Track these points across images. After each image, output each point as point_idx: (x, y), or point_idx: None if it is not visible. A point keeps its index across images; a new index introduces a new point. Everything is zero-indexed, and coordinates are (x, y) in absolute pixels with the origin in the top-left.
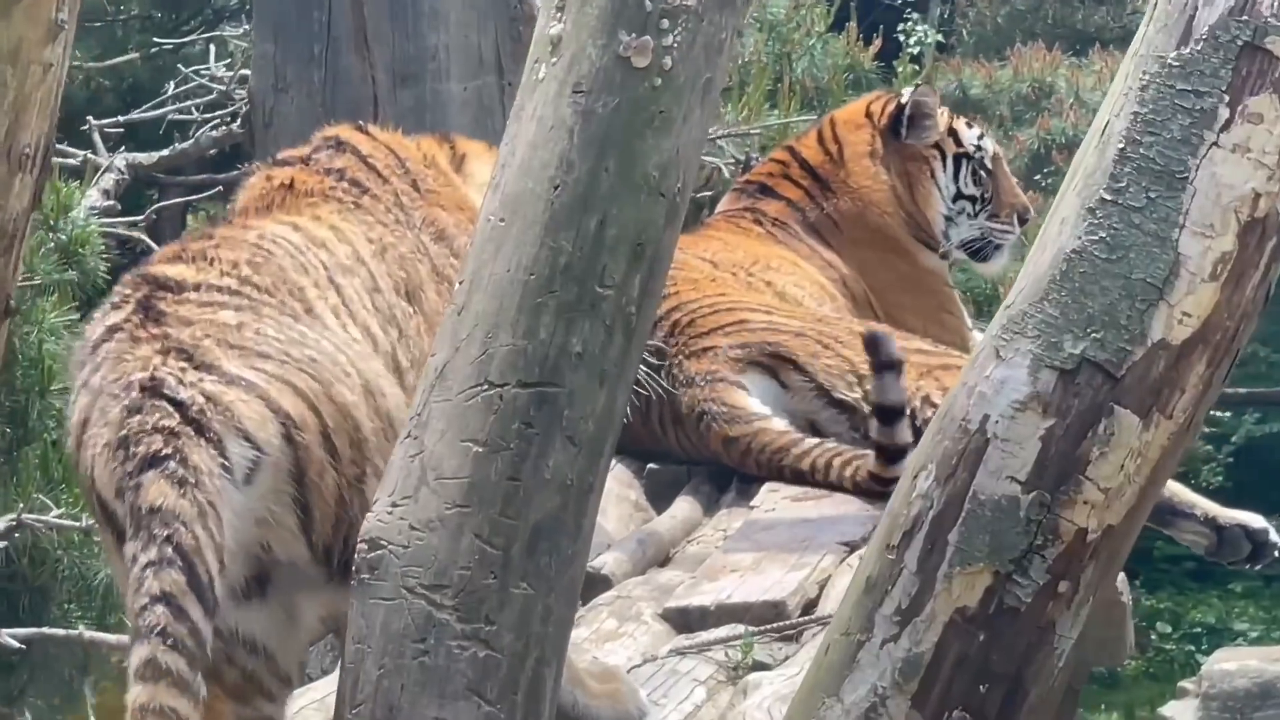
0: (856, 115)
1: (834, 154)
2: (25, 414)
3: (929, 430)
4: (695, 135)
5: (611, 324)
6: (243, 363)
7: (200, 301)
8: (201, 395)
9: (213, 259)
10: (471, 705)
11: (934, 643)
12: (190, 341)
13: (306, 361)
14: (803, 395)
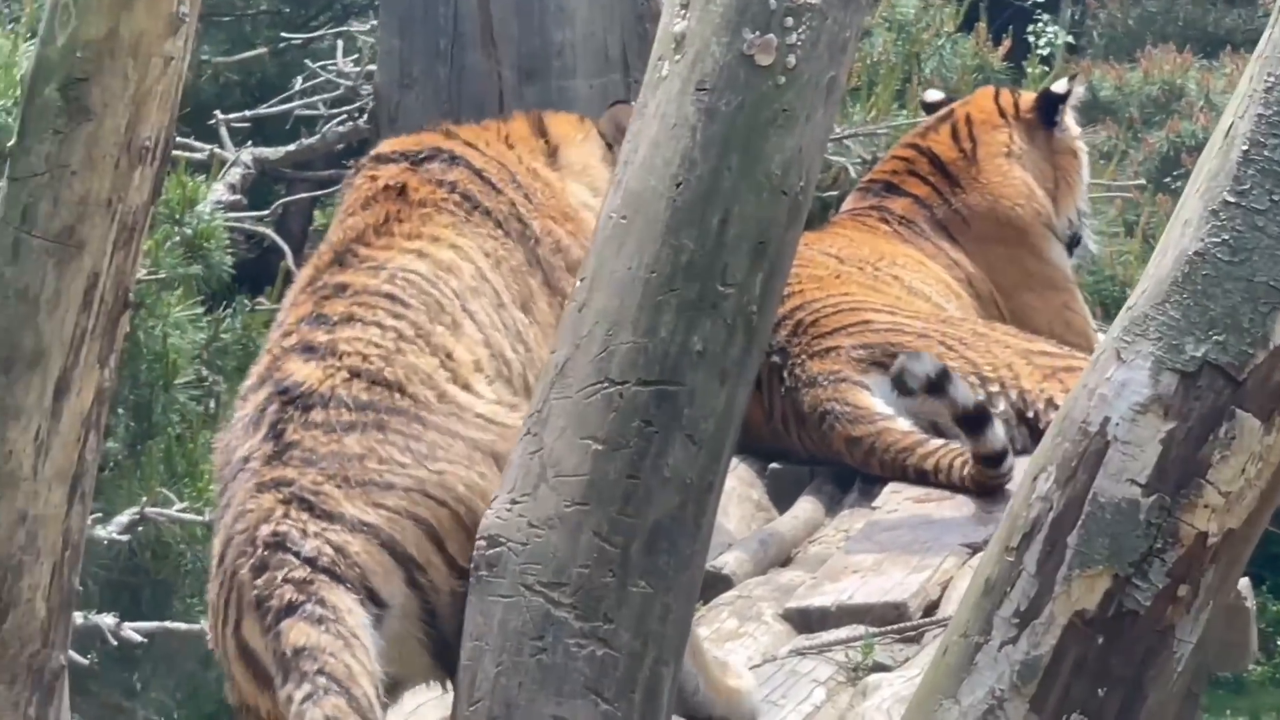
0: (992, 114)
1: (968, 151)
2: (149, 408)
3: (1049, 432)
4: (818, 134)
5: (733, 322)
6: (365, 502)
7: (326, 426)
8: (328, 546)
9: (342, 353)
10: (589, 703)
11: (1052, 646)
12: (312, 488)
13: (434, 483)
14: (926, 396)
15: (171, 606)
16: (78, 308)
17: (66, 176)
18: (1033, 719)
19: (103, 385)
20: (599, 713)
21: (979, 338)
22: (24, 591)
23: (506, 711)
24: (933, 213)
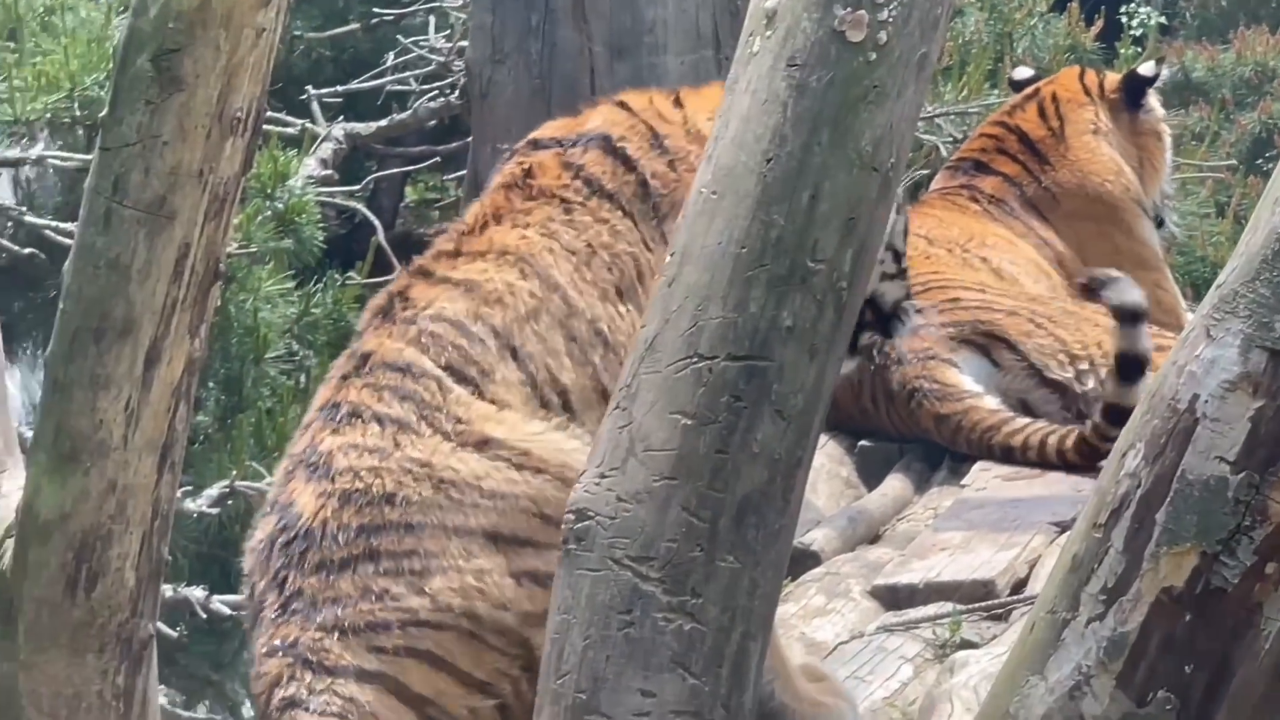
0: (1076, 90)
1: (1056, 129)
2: (240, 382)
3: (1138, 409)
4: (909, 111)
5: (822, 298)
6: (365, 648)
7: (322, 568)
8: (336, 699)
9: (335, 474)
10: (676, 678)
11: (1139, 622)
12: (313, 646)
13: (428, 610)
14: (1015, 374)
15: None
16: (169, 278)
17: (158, 147)
18: (1119, 696)
19: (193, 356)
20: (686, 687)
21: (1069, 316)
22: (113, 560)
23: (593, 685)
24: (1022, 191)
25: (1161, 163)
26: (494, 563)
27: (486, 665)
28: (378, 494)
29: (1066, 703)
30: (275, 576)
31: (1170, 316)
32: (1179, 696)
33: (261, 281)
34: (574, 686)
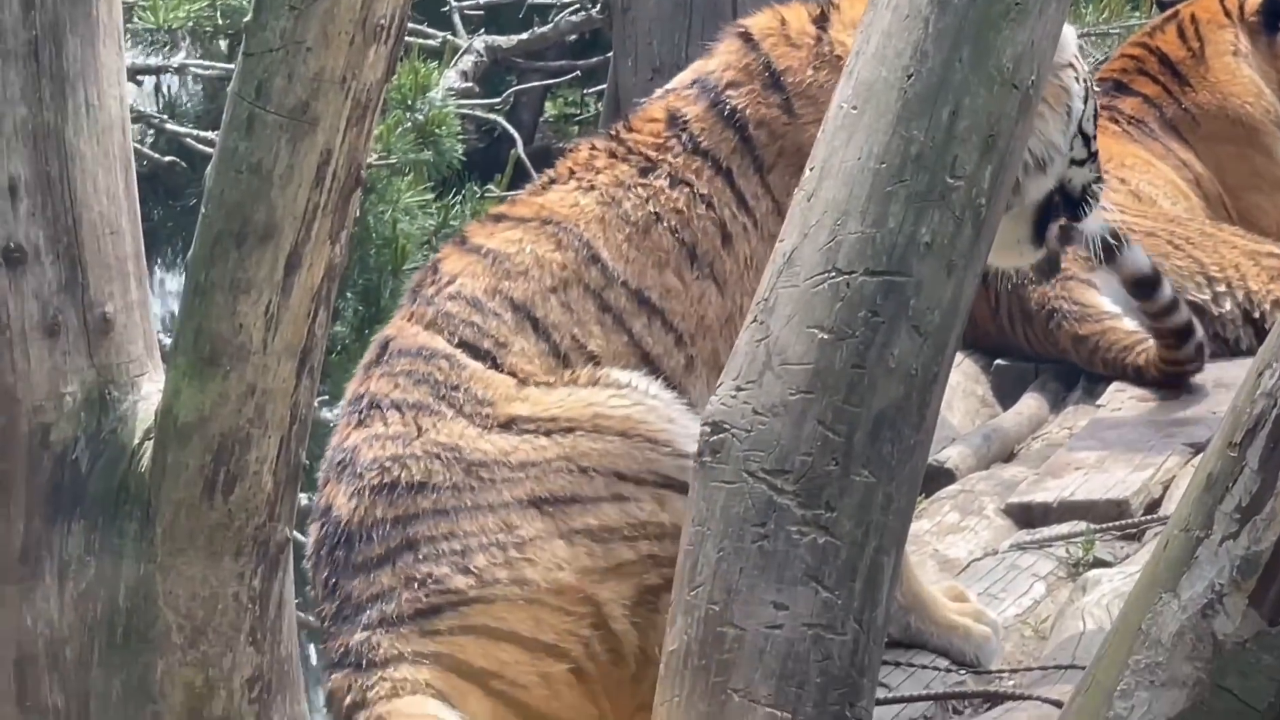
0: (1218, 14)
1: (1196, 50)
2: (377, 293)
3: (1275, 328)
4: (1050, 29)
5: (961, 215)
6: (419, 635)
7: (364, 567)
8: (387, 683)
9: (363, 470)
10: (809, 591)
11: (1273, 541)
12: (367, 649)
13: (473, 587)
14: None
15: None
16: (310, 183)
17: (301, 52)
18: (1251, 614)
19: (333, 261)
20: (819, 600)
21: (1206, 237)
22: (251, 464)
23: (726, 597)
24: (1162, 112)
25: None
26: (538, 528)
27: (549, 628)
28: (407, 484)
29: (1199, 620)
30: (326, 586)
31: None
32: None
33: (400, 193)
34: (707, 598)
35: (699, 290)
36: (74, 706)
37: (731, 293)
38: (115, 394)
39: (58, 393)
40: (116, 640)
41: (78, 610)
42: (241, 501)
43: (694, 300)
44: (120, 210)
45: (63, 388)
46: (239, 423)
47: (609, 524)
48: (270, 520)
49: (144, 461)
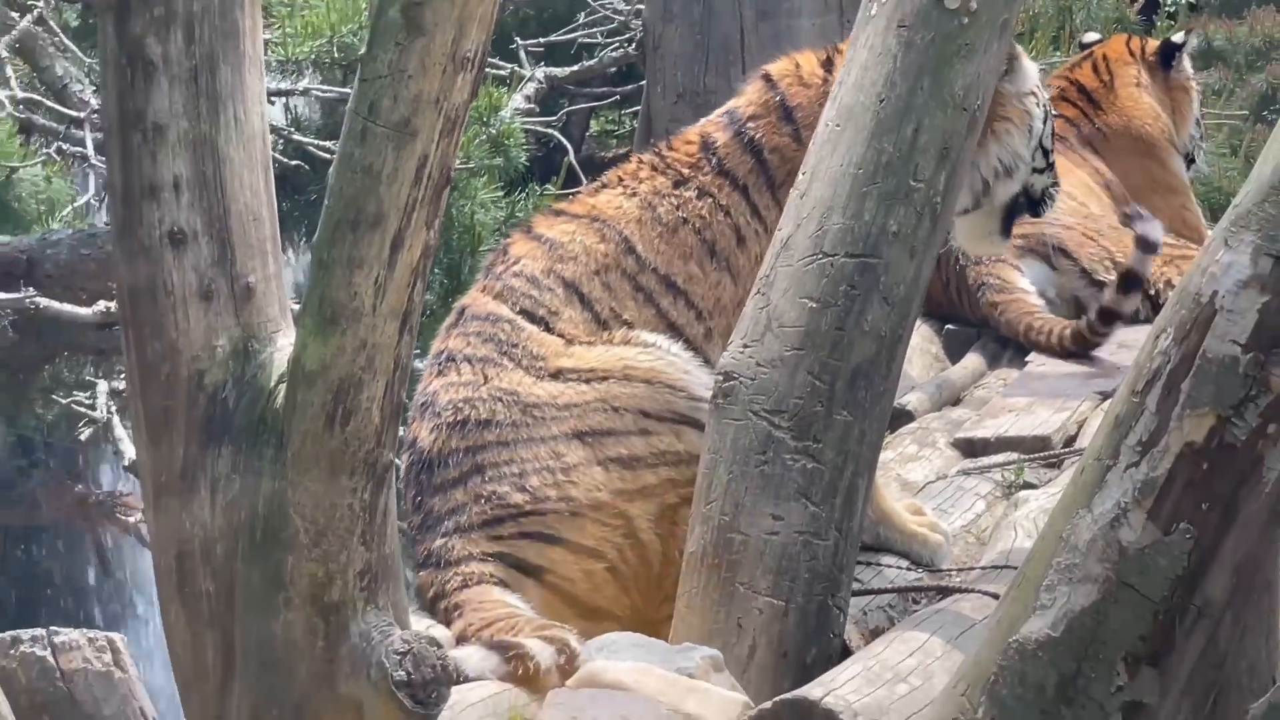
0: (1123, 52)
1: (1107, 81)
2: (459, 269)
3: (1170, 302)
4: (992, 64)
5: (921, 210)
6: (485, 538)
7: (442, 487)
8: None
9: (441, 409)
10: (800, 505)
11: (1167, 469)
12: (444, 551)
13: (529, 501)
14: (1069, 276)
15: None
16: (410, 182)
17: (404, 79)
18: (1149, 526)
19: (428, 243)
20: (808, 513)
21: (1114, 230)
22: (363, 402)
23: (735, 510)
24: (1080, 130)
25: (1189, 111)
26: (580, 456)
27: (590, 535)
28: (475, 421)
29: (1108, 531)
30: (413, 503)
31: (1193, 233)
32: (1196, 528)
33: (477, 190)
34: (719, 511)
35: (716, 278)
36: (221, 592)
37: (743, 282)
38: (256, 347)
39: (211, 345)
40: (256, 540)
41: (225, 516)
42: (355, 432)
43: (712, 286)
44: (260, 202)
45: (215, 341)
46: (353, 370)
47: (636, 453)
48: (377, 446)
49: (278, 400)
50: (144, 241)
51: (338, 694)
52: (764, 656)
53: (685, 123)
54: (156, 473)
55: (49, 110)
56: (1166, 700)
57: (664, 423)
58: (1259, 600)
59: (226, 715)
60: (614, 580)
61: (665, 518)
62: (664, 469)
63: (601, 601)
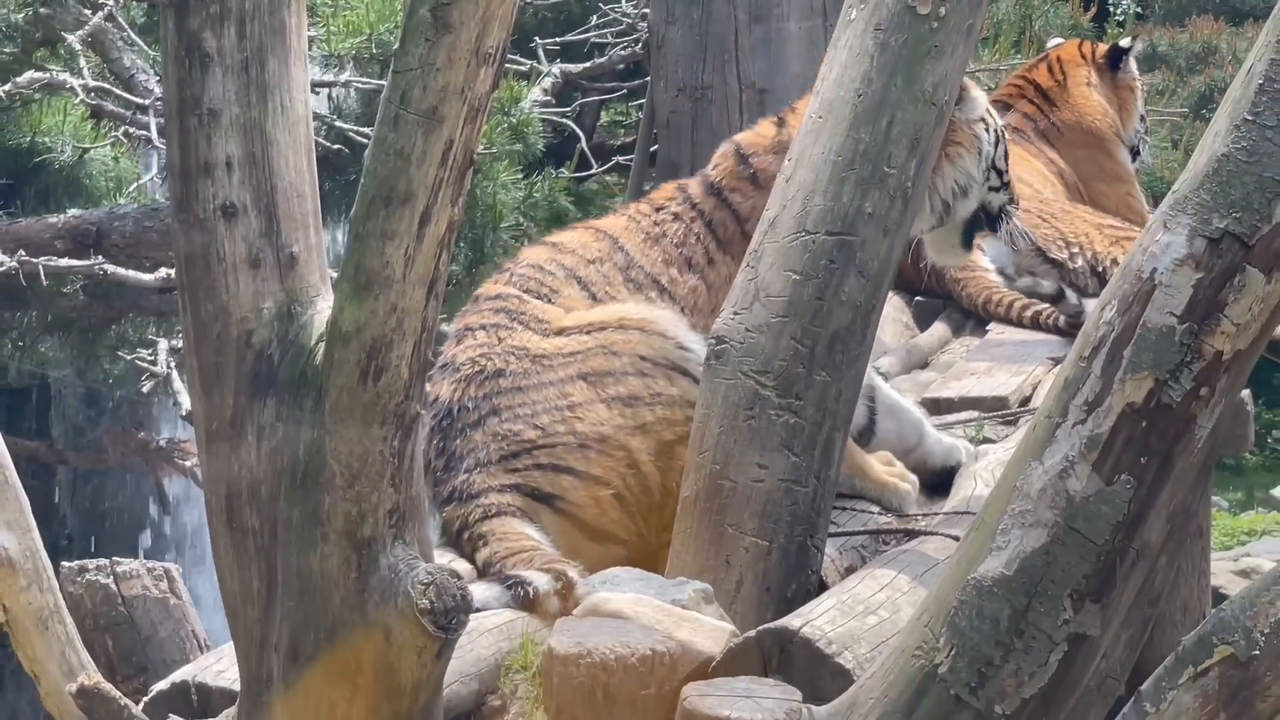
0: (1075, 55)
1: (1060, 80)
2: (481, 243)
3: (1114, 278)
4: (959, 64)
5: (894, 194)
6: (503, 471)
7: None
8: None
9: (460, 365)
10: (783, 455)
11: (1110, 426)
12: (465, 486)
13: (541, 437)
14: (1025, 254)
15: None
16: (437, 164)
17: (433, 71)
18: (1094, 477)
19: (453, 219)
20: (790, 463)
21: (1066, 213)
22: (393, 360)
23: (725, 459)
24: (1036, 125)
25: (1134, 108)
26: (585, 395)
27: (596, 465)
28: (491, 372)
29: (1057, 481)
30: (435, 447)
31: (1137, 217)
32: (1135, 479)
33: (499, 173)
34: (710, 460)
35: (693, 283)
36: (265, 528)
37: (715, 292)
38: (298, 309)
39: (258, 308)
40: (297, 482)
41: (270, 460)
42: (385, 386)
43: (690, 290)
44: (304, 180)
45: (261, 305)
46: (384, 331)
47: (635, 392)
48: (406, 399)
49: (318, 357)
50: (199, 214)
51: (368, 620)
52: (749, 590)
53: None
54: (209, 421)
55: (117, 98)
56: (1107, 632)
57: (659, 367)
58: (1192, 546)
59: (269, 638)
60: (619, 506)
61: (663, 453)
62: (660, 409)
63: (609, 525)
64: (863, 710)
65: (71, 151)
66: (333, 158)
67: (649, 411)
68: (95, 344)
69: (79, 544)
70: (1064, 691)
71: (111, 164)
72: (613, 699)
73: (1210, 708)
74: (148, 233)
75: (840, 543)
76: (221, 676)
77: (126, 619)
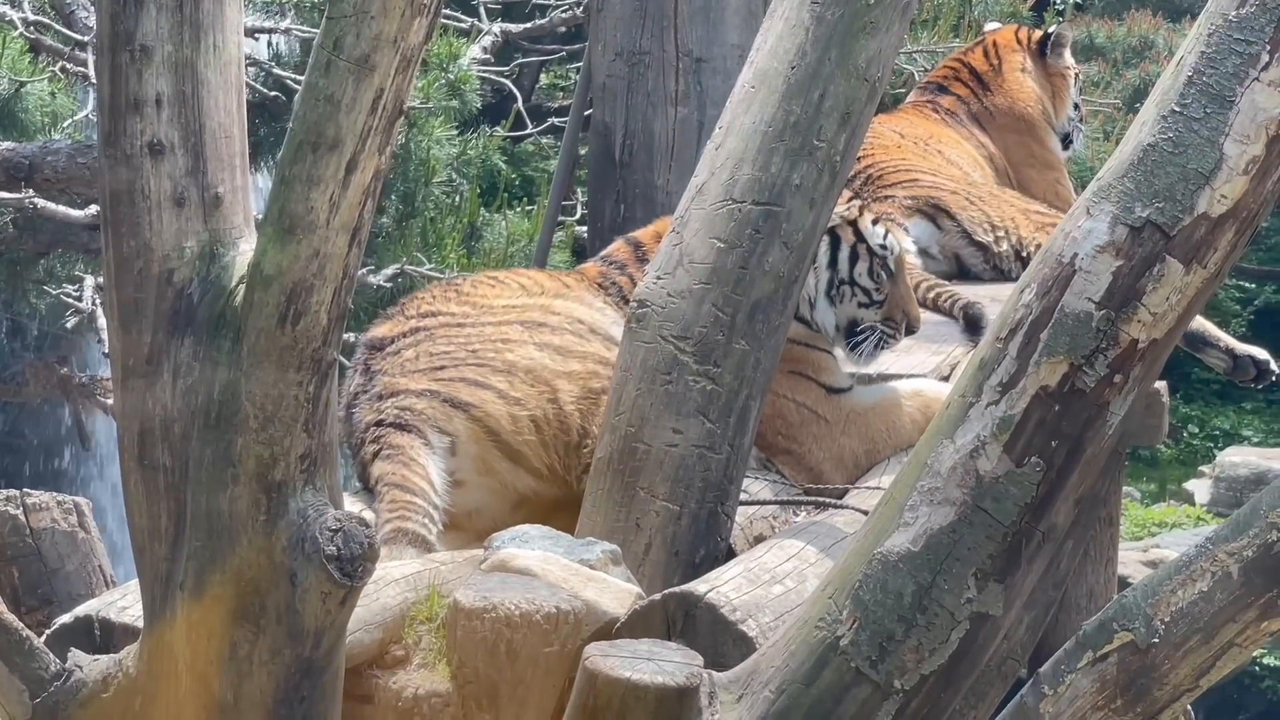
0: (1011, 40)
1: (995, 65)
2: (413, 197)
3: (1034, 261)
4: (893, 41)
5: (822, 167)
6: (426, 379)
7: (393, 351)
8: (394, 410)
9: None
10: (698, 421)
11: (1023, 408)
12: (385, 388)
13: (472, 357)
14: (951, 235)
15: None
16: (367, 111)
17: (367, 19)
18: (1004, 457)
19: (379, 167)
20: (704, 429)
21: (993, 197)
22: (313, 305)
23: (640, 422)
24: (969, 107)
25: (1067, 96)
26: (520, 336)
27: (519, 389)
28: (430, 311)
29: (968, 460)
30: (362, 367)
31: (1064, 204)
32: (1045, 461)
33: (434, 129)
34: (626, 422)
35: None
36: (177, 466)
37: None
38: (220, 250)
39: (180, 246)
40: (210, 421)
41: (185, 399)
42: (304, 331)
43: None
44: (233, 121)
45: (184, 243)
46: (305, 276)
47: (568, 345)
48: (323, 345)
49: (238, 299)
50: (126, 150)
51: (275, 563)
52: (658, 554)
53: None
54: (126, 356)
55: (56, 33)
56: (1009, 613)
57: (594, 332)
58: (1101, 533)
59: (175, 575)
60: (535, 431)
61: (587, 398)
62: (590, 363)
63: (522, 446)
64: (763, 678)
65: (8, 84)
66: (269, 104)
67: (578, 362)
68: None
69: None
70: (964, 670)
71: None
72: (515, 654)
73: (1107, 693)
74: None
75: (750, 512)
76: (125, 613)
77: (34, 550)
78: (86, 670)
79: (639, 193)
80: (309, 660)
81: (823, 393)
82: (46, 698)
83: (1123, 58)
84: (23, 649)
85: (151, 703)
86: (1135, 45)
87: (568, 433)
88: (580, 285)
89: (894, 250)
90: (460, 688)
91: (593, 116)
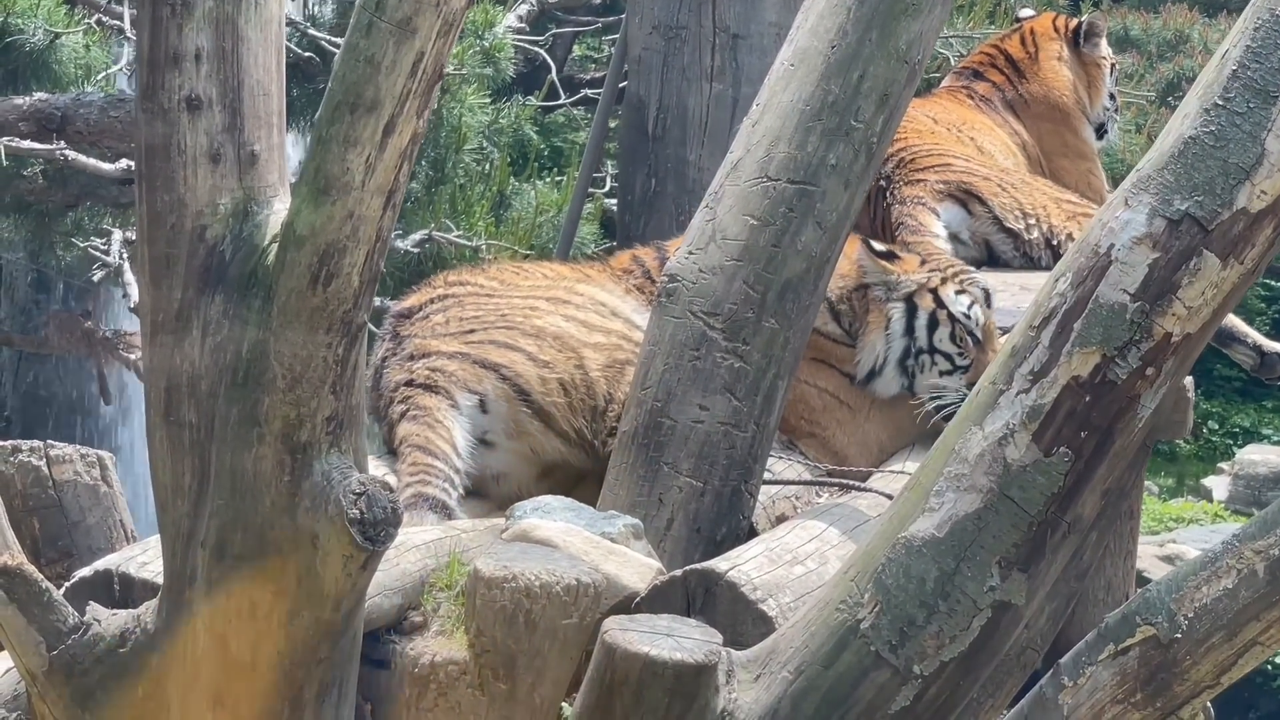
0: (1049, 28)
1: (1031, 53)
2: (443, 164)
3: (1070, 250)
4: (934, 24)
5: (859, 148)
6: (456, 341)
7: (422, 317)
8: (424, 370)
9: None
10: (725, 399)
11: (1053, 398)
12: (416, 349)
13: (502, 321)
14: (982, 221)
15: None
16: (407, 74)
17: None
18: (1032, 446)
19: (416, 130)
20: (731, 406)
21: (1026, 184)
22: (345, 267)
23: (666, 397)
24: (1004, 95)
25: (1103, 86)
26: (547, 309)
27: (548, 353)
28: (460, 281)
29: (996, 447)
30: (391, 334)
31: (1096, 195)
32: (1074, 452)
33: (468, 95)
34: (653, 397)
35: None
36: (203, 423)
37: None
38: (254, 208)
39: (214, 203)
40: (238, 380)
41: (213, 356)
42: (335, 292)
43: None
44: (271, 79)
45: (218, 200)
46: (339, 237)
47: (591, 320)
48: (354, 308)
49: (270, 258)
50: (164, 104)
51: (297, 524)
52: (680, 530)
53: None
54: (155, 311)
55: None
56: (1032, 603)
57: (615, 314)
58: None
59: (196, 533)
60: (564, 393)
61: (613, 367)
62: (615, 337)
63: (552, 407)
64: (782, 658)
65: (43, 35)
66: (304, 65)
67: (603, 336)
68: (50, 229)
69: (16, 426)
70: (984, 658)
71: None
72: (534, 625)
73: (1127, 686)
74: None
75: (774, 491)
76: (145, 568)
77: (55, 502)
78: (105, 624)
79: (670, 167)
80: (328, 623)
81: (845, 381)
82: (64, 650)
83: (1157, 51)
84: (42, 600)
85: (169, 659)
86: (1170, 39)
87: (594, 398)
88: (602, 275)
89: (978, 320)
90: (477, 656)
91: (627, 89)
